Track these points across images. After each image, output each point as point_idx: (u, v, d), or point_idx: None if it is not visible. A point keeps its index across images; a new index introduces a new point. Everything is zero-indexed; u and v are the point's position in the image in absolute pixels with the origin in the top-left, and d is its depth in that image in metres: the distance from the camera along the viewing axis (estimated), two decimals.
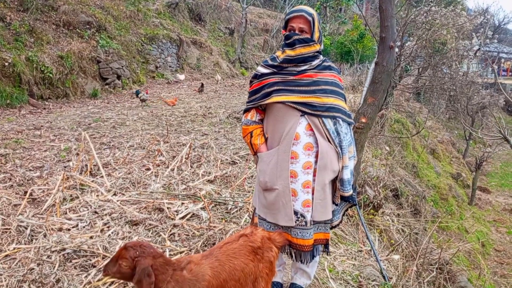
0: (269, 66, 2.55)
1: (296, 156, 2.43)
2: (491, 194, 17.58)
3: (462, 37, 11.15)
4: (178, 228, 3.69)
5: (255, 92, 2.58)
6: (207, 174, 5.19)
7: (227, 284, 2.00)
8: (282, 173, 2.43)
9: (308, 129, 2.44)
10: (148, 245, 1.98)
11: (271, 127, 2.54)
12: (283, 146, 2.44)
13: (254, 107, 2.61)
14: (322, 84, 2.46)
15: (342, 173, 2.51)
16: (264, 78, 2.54)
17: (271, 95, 2.48)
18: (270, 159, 2.49)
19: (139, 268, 1.87)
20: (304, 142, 2.43)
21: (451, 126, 24.25)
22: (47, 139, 6.68)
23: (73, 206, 4.01)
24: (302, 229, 2.48)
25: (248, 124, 2.61)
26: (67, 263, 3.05)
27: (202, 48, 19.27)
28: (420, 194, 9.03)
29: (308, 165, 2.44)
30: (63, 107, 10.11)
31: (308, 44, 2.44)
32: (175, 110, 9.97)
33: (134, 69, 13.99)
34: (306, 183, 2.44)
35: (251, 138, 2.58)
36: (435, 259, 3.92)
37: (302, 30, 2.44)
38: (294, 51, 2.44)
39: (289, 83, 2.46)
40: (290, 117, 2.45)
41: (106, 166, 5.28)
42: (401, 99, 15.51)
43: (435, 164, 14.98)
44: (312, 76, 2.47)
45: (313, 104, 2.41)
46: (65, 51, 11.13)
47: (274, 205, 2.47)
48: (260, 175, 2.55)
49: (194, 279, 1.92)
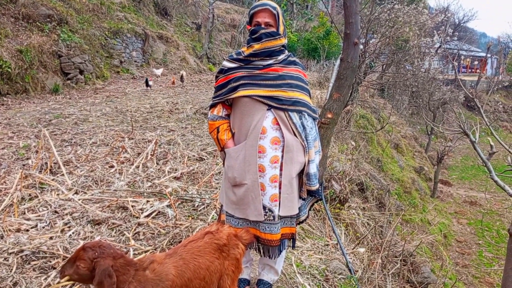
0: (235, 60, 2.53)
1: (264, 150, 2.43)
2: (452, 187, 18.25)
3: (424, 35, 11.44)
4: (143, 227, 3.61)
5: (221, 87, 2.55)
6: (173, 171, 5.10)
7: (192, 283, 1.96)
8: (250, 168, 2.43)
9: (275, 123, 2.44)
10: (107, 245, 1.91)
11: (238, 122, 2.52)
12: (250, 140, 2.43)
13: (220, 102, 2.58)
14: (288, 78, 2.47)
15: (308, 167, 2.52)
16: (230, 73, 2.51)
17: (237, 89, 2.46)
18: (237, 154, 2.48)
19: (99, 269, 1.80)
20: (271, 136, 2.43)
21: (413, 122, 24.95)
22: (5, 136, 6.40)
23: (32, 206, 3.85)
24: (270, 223, 2.48)
25: (215, 119, 2.58)
26: (25, 265, 2.93)
27: (169, 43, 18.99)
28: (384, 187, 9.23)
29: (276, 159, 2.45)
30: (22, 103, 9.71)
31: (274, 38, 2.44)
32: (140, 105, 9.77)
33: (97, 64, 13.62)
34: (274, 177, 2.45)
35: (217, 134, 2.55)
36: (399, 251, 4.01)
37: (268, 24, 2.45)
38: (260, 45, 2.43)
39: (256, 77, 2.46)
40: (256, 111, 2.44)
41: (67, 164, 5.11)
42: (366, 95, 15.82)
43: (398, 158, 15.38)
44: (278, 70, 2.47)
45: (280, 98, 2.42)
46: (24, 45, 10.68)
47: (243, 200, 2.46)
48: (229, 171, 2.52)
49: (157, 279, 1.87)
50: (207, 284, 2.02)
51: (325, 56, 19.78)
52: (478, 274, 10.87)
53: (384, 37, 9.51)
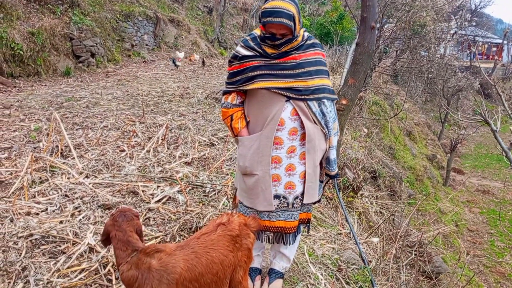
0: (251, 48, 2.39)
1: (281, 142, 2.39)
2: (464, 175, 18.00)
3: (440, 20, 11.15)
4: (153, 212, 3.57)
5: (235, 74, 2.44)
6: (184, 156, 5.05)
7: (203, 277, 1.89)
8: (263, 159, 2.38)
9: (294, 114, 2.37)
10: (125, 215, 1.95)
11: (254, 112, 2.45)
12: (266, 131, 2.37)
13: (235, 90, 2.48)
14: (307, 65, 2.36)
15: (329, 152, 2.50)
16: (246, 61, 2.39)
17: (254, 80, 2.35)
18: (251, 143, 2.42)
19: (104, 226, 1.96)
20: (289, 127, 2.38)
21: (427, 109, 24.58)
22: (16, 119, 6.40)
23: (42, 189, 3.83)
24: (284, 211, 2.47)
25: (228, 107, 2.49)
26: (34, 249, 2.90)
27: (180, 26, 18.82)
28: (397, 175, 9.11)
29: (292, 149, 2.41)
30: (34, 85, 9.71)
31: (291, 42, 2.32)
32: (151, 89, 9.72)
33: (109, 47, 13.55)
34: (289, 166, 2.42)
35: (231, 122, 2.48)
36: (413, 241, 3.93)
37: (284, 35, 2.28)
38: (278, 51, 2.33)
39: (273, 66, 2.34)
40: (274, 103, 2.35)
41: (78, 147, 5.08)
42: (379, 81, 15.55)
43: (411, 146, 15.18)
44: (296, 58, 2.35)
45: (299, 89, 2.33)
46: (36, 28, 10.64)
47: (253, 190, 2.43)
48: (240, 159, 2.48)
49: (163, 270, 1.80)
50: (219, 279, 1.96)
51: (338, 41, 19.45)
52: (490, 264, 10.76)
53: (400, 21, 9.27)
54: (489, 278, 9.96)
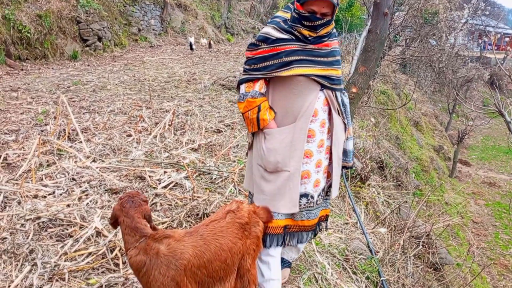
0: (285, 31, 2.15)
1: (313, 135, 2.22)
2: (471, 167, 17.89)
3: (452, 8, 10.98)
4: (160, 198, 3.55)
5: (264, 59, 2.18)
6: (191, 142, 5.02)
7: (212, 264, 1.87)
8: (296, 154, 2.19)
9: (325, 104, 2.24)
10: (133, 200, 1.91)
11: (284, 102, 2.23)
12: (300, 123, 2.18)
13: (263, 78, 2.22)
14: (337, 54, 2.27)
15: (347, 143, 2.41)
16: (280, 44, 2.14)
17: (290, 65, 2.13)
18: (283, 136, 2.19)
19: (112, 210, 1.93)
20: (321, 118, 2.23)
21: (435, 99, 24.37)
22: (24, 102, 6.40)
23: (49, 172, 3.82)
24: (308, 210, 2.32)
25: (256, 96, 2.21)
26: (42, 232, 2.90)
27: (187, 11, 18.68)
28: (403, 166, 9.06)
29: (322, 143, 2.26)
30: (41, 68, 9.70)
31: (329, 24, 2.16)
32: (158, 75, 9.67)
33: (116, 31, 13.49)
34: (318, 163, 2.28)
35: (258, 113, 2.20)
36: (421, 233, 3.91)
37: (325, 14, 2.09)
38: (316, 33, 2.13)
39: (310, 52, 2.15)
40: (310, 92, 2.18)
41: (85, 131, 5.06)
42: (387, 70, 15.40)
43: (418, 137, 15.09)
44: (328, 45, 2.22)
45: (332, 77, 2.21)
46: (43, 10, 10.60)
47: (280, 190, 2.22)
48: (270, 154, 2.21)
49: (171, 256, 1.79)
50: (228, 266, 1.94)
51: (347, 28, 19.24)
52: (493, 256, 10.74)
53: (412, 9, 9.12)
54: (493, 270, 9.96)
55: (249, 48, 2.26)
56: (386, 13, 4.19)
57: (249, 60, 2.24)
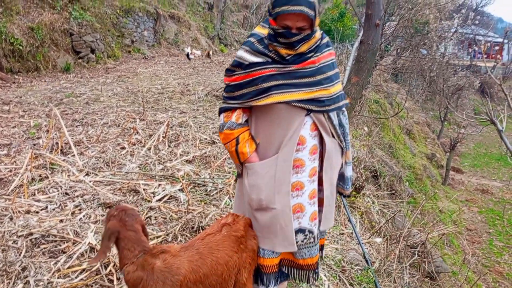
0: (259, 52, 1.91)
1: (302, 164, 1.99)
2: (464, 174, 18.00)
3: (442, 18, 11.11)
4: (154, 211, 3.52)
5: (240, 87, 1.96)
6: (185, 154, 5.00)
7: (208, 279, 1.86)
8: (282, 188, 1.97)
9: (314, 129, 1.99)
10: (131, 214, 1.85)
11: (266, 131, 2.00)
12: (283, 154, 1.95)
13: (240, 107, 2.02)
14: (327, 69, 1.96)
15: (345, 169, 2.18)
16: (255, 69, 1.91)
17: (268, 92, 1.89)
18: (266, 170, 1.98)
19: (106, 227, 1.77)
20: (310, 145, 2.00)
21: (427, 108, 24.56)
22: (16, 115, 6.35)
23: (42, 187, 3.78)
24: (310, 246, 2.09)
25: (233, 127, 2.01)
26: (34, 248, 2.86)
27: (180, 22, 18.75)
28: (396, 174, 9.09)
29: (314, 172, 2.04)
30: (33, 81, 9.66)
31: (310, 40, 1.89)
32: (152, 86, 9.66)
33: (109, 43, 13.49)
34: (312, 193, 2.05)
35: (237, 146, 2.00)
36: (416, 242, 3.91)
37: (301, 29, 1.84)
38: (293, 51, 1.88)
39: (291, 74, 1.89)
40: (293, 119, 1.93)
41: (78, 144, 5.03)
42: (379, 79, 15.52)
43: (410, 145, 15.18)
44: (314, 62, 1.93)
45: (321, 99, 1.93)
46: (35, 23, 10.59)
47: (270, 228, 2.02)
48: (253, 191, 2.01)
49: (167, 271, 1.77)
50: (224, 281, 1.92)
51: (339, 38, 19.40)
52: (488, 263, 10.76)
53: (402, 19, 9.23)
54: (488, 278, 9.96)
55: (226, 73, 2.06)
56: (378, 24, 4.23)
57: (226, 87, 2.05)
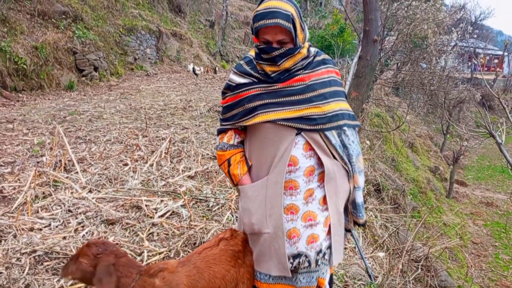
0: (246, 74, 1.94)
1: (296, 186, 1.91)
2: (468, 187, 17.92)
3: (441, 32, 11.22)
4: (157, 227, 3.54)
5: (230, 108, 1.98)
6: (187, 170, 5.04)
7: None
8: (274, 211, 1.90)
9: (308, 149, 1.90)
10: (111, 244, 1.87)
11: (257, 152, 1.98)
12: (273, 175, 1.90)
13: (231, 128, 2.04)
14: (319, 87, 1.90)
15: (355, 195, 2.00)
16: (242, 90, 1.93)
17: (254, 112, 1.89)
18: (256, 193, 1.94)
19: (100, 266, 1.76)
20: (305, 166, 1.90)
21: (429, 121, 24.59)
22: (19, 133, 6.41)
23: (45, 204, 3.81)
24: (306, 272, 1.95)
25: (224, 149, 2.03)
26: (38, 266, 2.88)
27: (182, 40, 18.96)
28: (400, 188, 9.08)
29: (310, 193, 1.93)
30: (37, 99, 9.76)
31: (293, 55, 1.86)
32: (154, 103, 9.75)
33: (112, 61, 13.64)
34: (308, 215, 1.93)
35: (229, 168, 2.01)
36: (419, 256, 3.90)
37: (281, 42, 1.83)
38: (276, 68, 1.86)
39: (277, 93, 1.88)
40: (282, 139, 1.88)
41: (81, 161, 5.07)
42: (380, 93, 15.59)
43: (413, 158, 15.16)
44: (304, 79, 1.89)
45: (312, 117, 1.86)
46: (40, 42, 10.73)
47: (264, 251, 1.96)
48: (245, 215, 1.99)
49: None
50: None
51: (339, 53, 19.55)
52: (495, 277, 10.64)
53: (401, 34, 9.33)
54: None
55: (221, 96, 2.10)
56: (376, 40, 4.29)
57: (222, 109, 2.07)
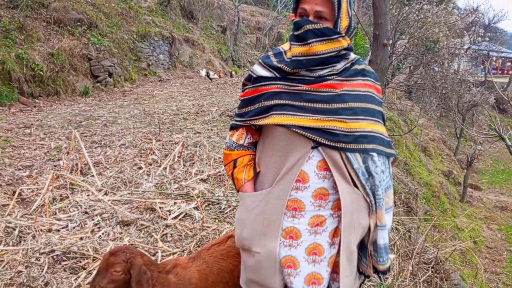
0: (270, 66, 1.66)
1: (301, 207, 1.61)
2: (482, 191, 17.73)
3: (453, 35, 11.19)
4: (170, 229, 3.63)
5: (246, 103, 1.73)
6: (200, 173, 5.13)
7: (216, 286, 1.96)
8: (269, 230, 1.62)
9: (323, 168, 1.60)
10: (131, 247, 1.95)
11: (265, 159, 1.71)
12: (277, 189, 1.62)
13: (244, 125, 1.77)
14: (351, 99, 1.59)
15: (376, 234, 1.65)
16: (261, 84, 1.66)
17: (269, 112, 1.63)
18: (254, 204, 1.66)
19: (134, 268, 1.79)
20: (315, 187, 1.60)
21: (442, 124, 24.41)
22: (37, 138, 6.57)
23: (63, 206, 3.93)
24: None
25: (232, 148, 1.78)
26: (56, 265, 2.98)
27: (195, 45, 19.16)
28: (412, 191, 9.06)
29: (318, 221, 1.62)
30: (53, 105, 9.97)
31: (330, 39, 1.54)
32: (167, 108, 9.89)
33: (126, 67, 13.86)
34: (314, 248, 1.62)
35: (233, 170, 1.75)
36: (430, 258, 3.92)
37: (319, 16, 1.54)
38: (306, 48, 1.55)
39: (299, 95, 1.60)
40: (294, 149, 1.60)
41: (97, 165, 5.20)
42: (393, 97, 15.57)
43: (426, 162, 15.07)
44: (335, 86, 1.59)
45: (334, 132, 1.56)
46: (55, 49, 10.98)
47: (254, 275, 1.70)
48: (237, 226, 1.73)
49: (181, 283, 1.88)
50: None
51: None
52: (509, 282, 10.52)
53: (412, 38, 9.34)
54: None
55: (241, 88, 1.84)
56: (385, 44, 4.34)
57: (239, 103, 1.81)
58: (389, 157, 1.69)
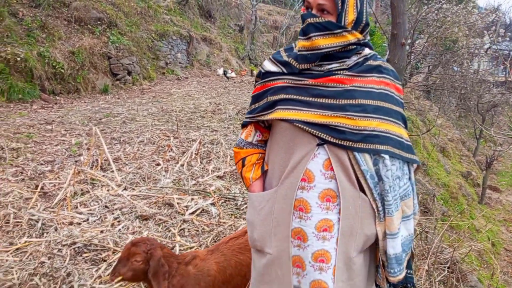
0: (278, 61, 1.61)
1: (307, 209, 1.52)
2: (501, 193, 17.42)
3: (473, 35, 11.03)
4: (188, 224, 3.70)
5: (256, 99, 1.68)
6: (216, 170, 5.20)
7: (234, 279, 2.01)
8: (279, 230, 1.56)
9: (329, 168, 1.50)
10: (152, 238, 2.00)
11: (272, 156, 1.64)
12: (284, 188, 1.55)
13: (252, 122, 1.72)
14: (361, 96, 1.49)
15: (386, 243, 1.54)
16: (269, 80, 1.61)
17: (274, 107, 1.56)
18: (262, 205, 1.60)
19: (153, 260, 1.86)
20: (321, 188, 1.51)
21: (461, 125, 24.04)
22: (58, 134, 6.73)
23: (83, 200, 4.04)
24: None
25: (241, 146, 1.73)
26: (77, 257, 3.08)
27: (212, 44, 19.29)
28: (430, 192, 8.98)
29: (326, 226, 1.51)
30: (74, 102, 10.17)
31: (333, 33, 1.46)
32: (185, 106, 10.00)
33: (144, 65, 14.04)
34: (320, 254, 1.52)
35: (242, 168, 1.70)
36: (446, 258, 3.90)
37: (322, 9, 1.47)
38: (309, 42, 1.48)
39: (306, 90, 1.52)
40: (298, 145, 1.53)
41: (116, 161, 5.31)
42: (411, 96, 15.41)
43: (444, 163, 14.89)
44: (343, 81, 1.50)
45: (340, 129, 1.47)
46: (76, 47, 11.20)
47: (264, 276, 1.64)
48: (248, 227, 1.70)
49: (200, 274, 1.93)
50: (247, 281, 2.06)
51: None
52: None
53: (431, 37, 9.24)
54: None
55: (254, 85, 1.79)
56: (403, 43, 4.32)
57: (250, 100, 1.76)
58: (408, 163, 1.58)
